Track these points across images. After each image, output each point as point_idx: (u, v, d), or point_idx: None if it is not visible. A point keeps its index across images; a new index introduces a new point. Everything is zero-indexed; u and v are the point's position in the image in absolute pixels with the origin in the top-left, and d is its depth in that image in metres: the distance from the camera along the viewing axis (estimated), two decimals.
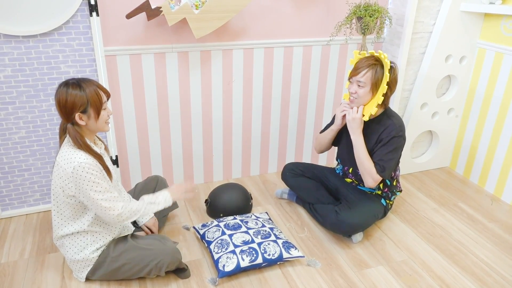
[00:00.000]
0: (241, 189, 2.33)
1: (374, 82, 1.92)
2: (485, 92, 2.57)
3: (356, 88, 1.95)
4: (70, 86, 1.56)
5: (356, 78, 1.94)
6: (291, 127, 2.73)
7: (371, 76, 1.92)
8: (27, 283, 1.81)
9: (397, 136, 1.96)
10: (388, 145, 1.97)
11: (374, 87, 1.93)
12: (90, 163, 1.56)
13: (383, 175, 1.96)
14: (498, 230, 2.24)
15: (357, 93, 1.95)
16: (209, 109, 2.48)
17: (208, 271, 1.89)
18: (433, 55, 2.51)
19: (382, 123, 2.01)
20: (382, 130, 1.99)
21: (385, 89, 1.91)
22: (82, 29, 2.04)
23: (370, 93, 1.95)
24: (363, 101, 1.97)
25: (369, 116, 1.97)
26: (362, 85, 1.93)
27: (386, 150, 1.97)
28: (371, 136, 2.03)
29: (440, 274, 1.92)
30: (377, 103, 1.94)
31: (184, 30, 2.23)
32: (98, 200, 1.58)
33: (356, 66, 1.96)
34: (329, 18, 2.49)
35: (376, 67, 1.92)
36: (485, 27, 2.53)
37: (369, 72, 1.91)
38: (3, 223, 2.23)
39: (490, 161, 2.60)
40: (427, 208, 2.44)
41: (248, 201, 2.32)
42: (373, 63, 1.92)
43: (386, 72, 1.90)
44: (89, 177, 1.55)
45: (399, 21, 2.48)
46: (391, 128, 1.98)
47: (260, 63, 2.46)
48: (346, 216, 2.00)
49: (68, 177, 1.56)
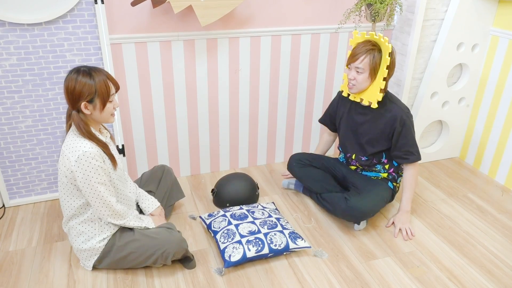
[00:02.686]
0: (247, 179, 2.32)
1: (372, 68, 1.93)
2: (497, 81, 2.52)
3: (355, 74, 1.97)
4: (81, 73, 1.54)
5: (354, 65, 1.95)
6: (298, 116, 2.70)
7: (369, 62, 1.92)
8: (35, 271, 1.82)
9: (407, 119, 2.00)
10: (405, 133, 2.01)
11: (372, 72, 1.94)
12: (94, 153, 1.55)
13: (418, 158, 2.05)
14: (508, 222, 2.21)
15: (356, 79, 1.97)
16: (216, 98, 2.45)
17: (214, 261, 1.89)
18: (445, 43, 2.45)
19: (387, 107, 2.02)
20: (388, 115, 2.00)
21: (385, 73, 1.91)
22: (87, 17, 2.02)
23: (369, 78, 1.96)
24: (362, 87, 1.99)
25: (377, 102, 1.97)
26: (361, 71, 1.94)
27: (406, 139, 2.02)
28: (378, 121, 2.04)
29: (448, 265, 1.89)
30: (379, 88, 1.93)
31: (190, 17, 2.20)
32: (99, 190, 1.59)
33: (354, 52, 1.96)
34: (337, 5, 2.43)
35: (374, 52, 1.92)
36: (499, 14, 2.46)
37: (367, 57, 1.92)
38: (11, 211, 2.24)
39: (501, 152, 2.55)
40: (435, 199, 2.41)
41: (254, 191, 2.31)
42: (371, 48, 1.92)
43: (386, 56, 1.89)
44: (91, 166, 1.55)
45: (410, 8, 2.42)
46: (399, 113, 1.99)
47: (267, 51, 2.43)
48: (356, 202, 1.99)
49: (71, 165, 1.56)
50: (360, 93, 2.03)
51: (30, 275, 1.80)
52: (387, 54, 1.89)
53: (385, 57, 1.90)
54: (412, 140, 2.04)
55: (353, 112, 2.14)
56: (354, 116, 2.13)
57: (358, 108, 2.12)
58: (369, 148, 2.10)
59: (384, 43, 1.89)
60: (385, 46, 1.89)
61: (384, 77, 1.92)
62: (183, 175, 2.61)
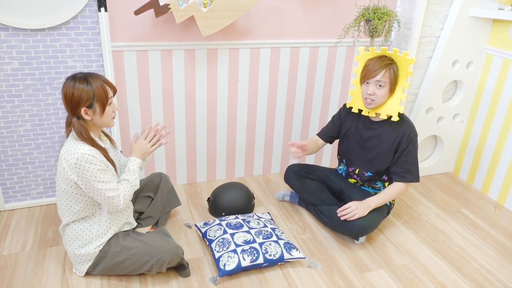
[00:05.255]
0: (243, 188, 2.33)
1: (393, 82, 1.96)
2: (491, 98, 2.56)
3: (375, 89, 1.96)
4: (78, 80, 1.56)
5: (375, 79, 1.95)
6: (296, 128, 2.72)
7: (389, 76, 1.95)
8: (28, 275, 1.81)
9: (414, 137, 2.02)
10: (409, 150, 2.02)
11: (392, 86, 1.97)
12: (93, 155, 1.56)
13: (416, 180, 2.06)
14: (500, 237, 2.23)
15: (376, 94, 1.97)
16: (214, 107, 2.48)
17: (209, 270, 1.89)
18: (440, 59, 2.50)
19: (397, 123, 2.03)
20: (398, 130, 2.02)
21: (407, 85, 1.94)
22: (90, 24, 2.04)
23: (388, 93, 1.98)
24: (380, 102, 1.99)
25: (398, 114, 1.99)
26: (383, 84, 1.95)
27: (408, 156, 2.03)
28: (388, 136, 2.05)
29: (440, 279, 1.91)
30: (400, 100, 1.96)
31: (192, 28, 2.23)
32: (102, 190, 1.59)
33: (371, 68, 1.96)
34: (337, 20, 2.48)
35: (393, 66, 1.96)
36: (493, 33, 2.52)
37: (387, 72, 1.94)
38: (6, 215, 2.23)
39: (494, 168, 2.59)
40: (429, 213, 2.43)
41: (250, 200, 2.32)
42: (389, 62, 1.95)
43: (409, 68, 1.93)
44: (92, 168, 1.56)
45: (407, 25, 2.47)
46: (408, 129, 2.01)
47: (267, 63, 2.46)
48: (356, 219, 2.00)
49: (71, 168, 1.56)
50: (378, 107, 2.03)
51: (23, 280, 1.79)
52: (409, 66, 1.93)
53: (407, 70, 1.93)
54: (414, 159, 2.04)
55: (361, 127, 2.13)
56: (362, 131, 2.13)
57: (367, 123, 2.12)
58: (376, 164, 2.11)
59: (404, 56, 1.93)
60: (406, 59, 1.93)
61: (404, 89, 1.95)
62: (180, 183, 2.62)
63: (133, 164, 1.74)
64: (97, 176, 1.57)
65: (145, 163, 1.88)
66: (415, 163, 2.04)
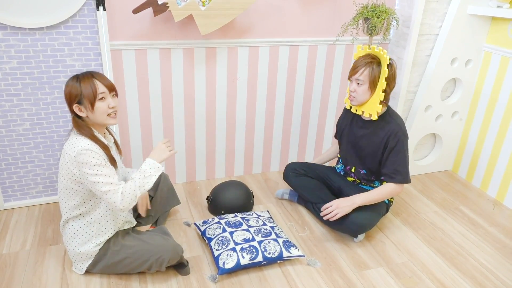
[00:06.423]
0: (243, 187, 2.33)
1: (371, 80, 1.97)
2: (490, 96, 2.57)
3: (355, 86, 2.02)
4: (71, 78, 1.61)
5: (355, 77, 2.00)
6: (295, 126, 2.72)
7: (368, 74, 1.97)
8: (28, 274, 1.82)
9: (402, 137, 2.01)
10: (397, 150, 2.01)
11: (372, 84, 1.98)
12: (92, 149, 1.57)
13: (406, 181, 2.03)
14: (499, 235, 2.24)
15: (356, 91, 2.02)
16: (213, 106, 2.48)
17: (208, 268, 1.90)
18: (439, 57, 2.50)
19: (386, 122, 2.05)
20: (386, 128, 2.03)
21: (384, 85, 1.95)
22: (88, 23, 2.04)
23: (368, 91, 2.00)
24: (362, 99, 2.03)
25: (377, 114, 2.00)
26: (361, 83, 1.99)
27: (396, 156, 2.02)
28: (377, 135, 2.06)
29: (439, 277, 1.92)
30: (379, 100, 1.97)
31: (190, 26, 2.23)
32: (98, 183, 1.57)
33: (354, 65, 2.02)
34: (335, 18, 2.48)
35: (373, 65, 1.97)
36: (492, 31, 2.52)
37: (366, 70, 1.97)
38: (5, 214, 2.24)
39: (493, 166, 2.59)
40: (428, 211, 2.44)
41: (249, 199, 2.33)
42: (370, 61, 1.97)
43: (385, 68, 1.93)
44: (90, 160, 1.55)
45: (405, 23, 2.47)
46: (395, 128, 2.01)
47: (265, 61, 2.46)
48: (355, 217, 2.01)
49: (72, 162, 1.57)
50: (361, 105, 2.06)
51: (23, 279, 1.79)
52: (385, 65, 1.93)
53: (384, 69, 1.94)
54: (403, 160, 2.02)
55: (354, 125, 2.18)
56: (355, 129, 2.16)
57: (359, 122, 2.15)
58: (368, 163, 2.13)
59: (382, 55, 1.94)
60: (383, 58, 1.94)
61: (383, 89, 1.95)
62: (179, 181, 2.62)
63: (145, 164, 1.67)
64: (94, 169, 1.57)
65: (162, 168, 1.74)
66: (404, 164, 2.03)
